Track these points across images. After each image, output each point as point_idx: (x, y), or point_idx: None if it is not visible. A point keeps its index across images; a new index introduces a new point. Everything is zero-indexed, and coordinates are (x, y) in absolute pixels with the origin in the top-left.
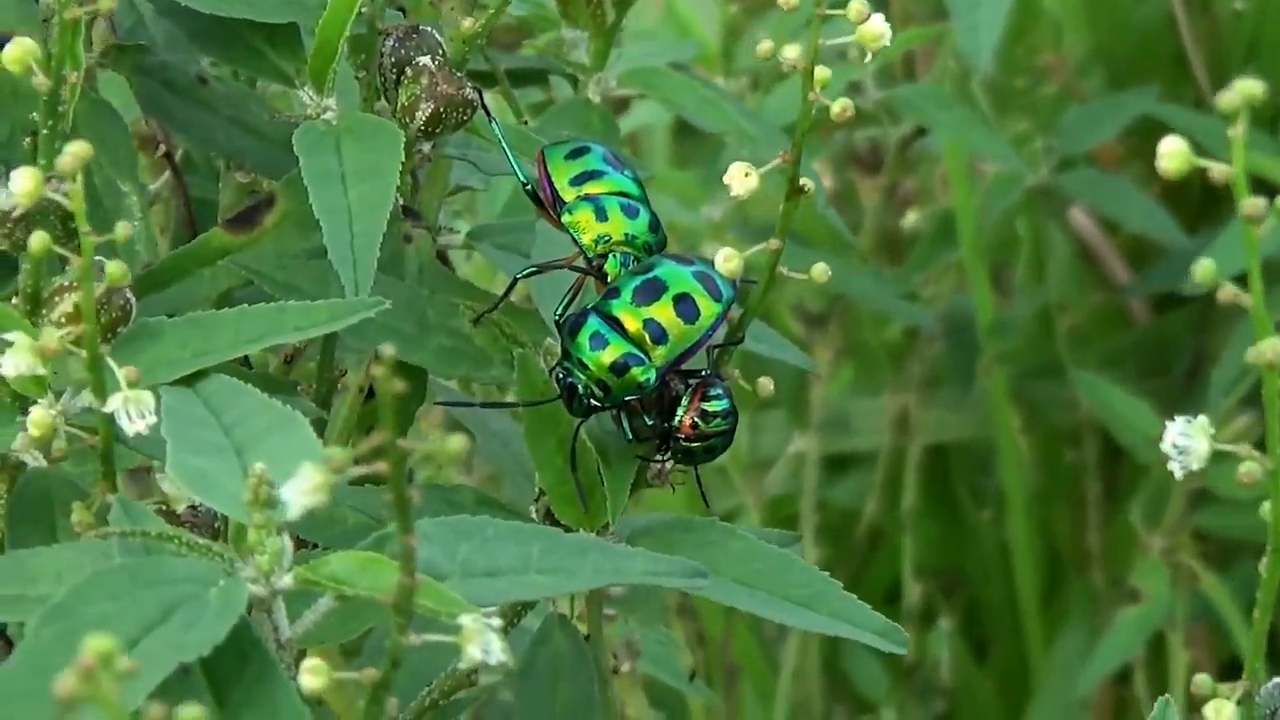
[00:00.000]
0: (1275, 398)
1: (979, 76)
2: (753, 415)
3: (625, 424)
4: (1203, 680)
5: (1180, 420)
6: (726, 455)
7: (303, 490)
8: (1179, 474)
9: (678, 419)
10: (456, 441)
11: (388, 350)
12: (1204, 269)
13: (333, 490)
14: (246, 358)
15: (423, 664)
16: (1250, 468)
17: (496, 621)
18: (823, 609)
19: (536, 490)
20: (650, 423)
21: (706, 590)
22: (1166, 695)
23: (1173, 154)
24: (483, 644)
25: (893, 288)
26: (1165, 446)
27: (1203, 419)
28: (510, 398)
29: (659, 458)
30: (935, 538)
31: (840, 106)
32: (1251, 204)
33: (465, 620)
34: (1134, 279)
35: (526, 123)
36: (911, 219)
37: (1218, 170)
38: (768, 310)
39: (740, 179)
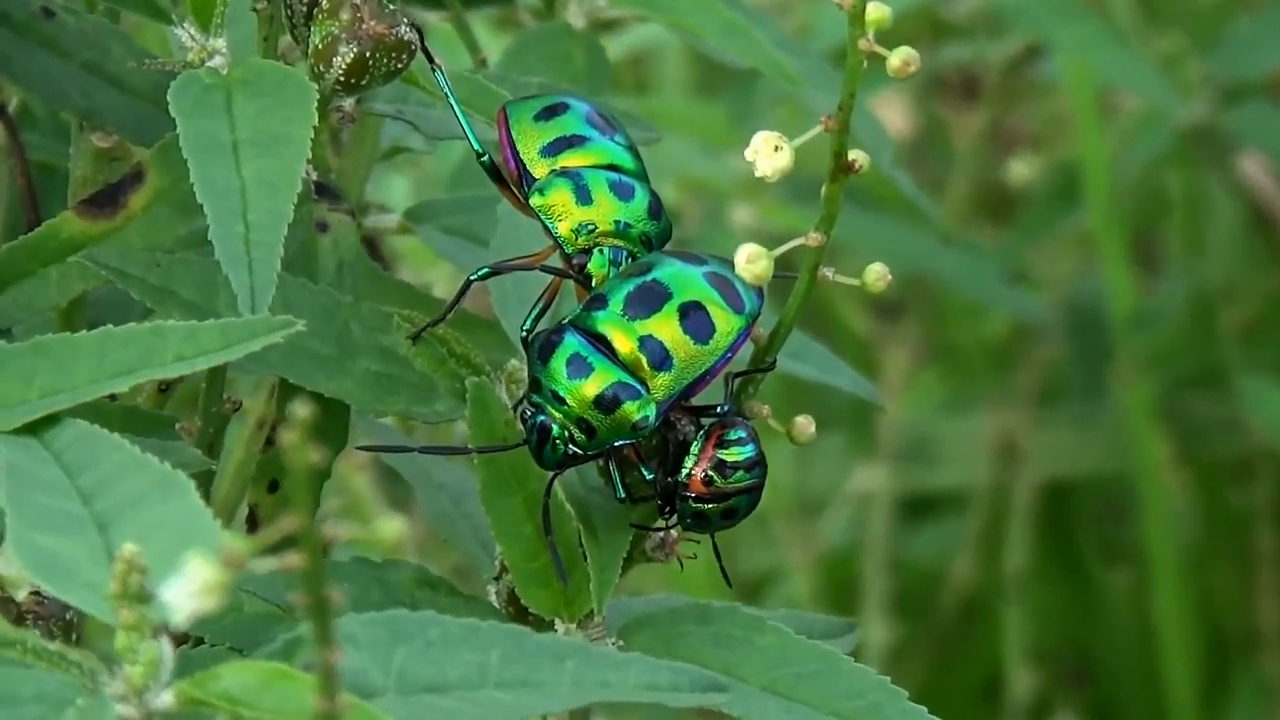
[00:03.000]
0: None
1: None
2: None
3: (616, 479)
4: None
5: None
6: (764, 494)
7: (191, 591)
8: None
9: (685, 472)
10: (391, 528)
11: (301, 411)
12: None
13: (229, 591)
14: None
15: None
16: None
17: None
18: None
19: (497, 566)
20: (650, 477)
21: (727, 706)
22: None
23: None
24: None
25: (994, 266)
26: None
27: None
28: (462, 441)
29: (661, 523)
30: (1052, 609)
31: (901, 59)
32: None
33: None
34: None
35: (484, 62)
36: (1020, 171)
37: None
38: (823, 302)
39: (768, 155)
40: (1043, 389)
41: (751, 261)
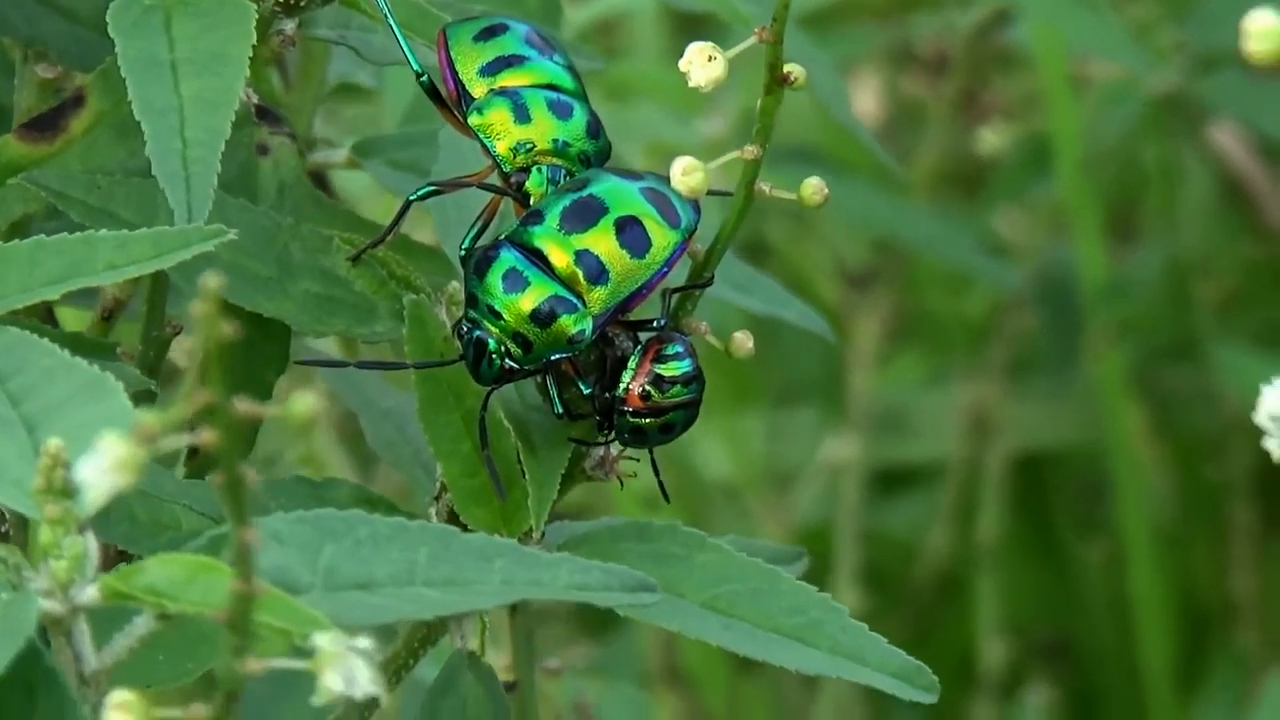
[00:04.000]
0: None
1: None
2: (773, 412)
3: (554, 394)
4: None
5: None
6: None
7: (104, 467)
8: (1278, 454)
9: (623, 386)
10: (304, 402)
11: (210, 281)
12: None
13: (143, 467)
14: (50, 312)
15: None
16: None
17: (364, 642)
18: (821, 643)
19: (437, 486)
20: (587, 392)
21: (666, 618)
22: None
23: (1264, 33)
24: (345, 671)
25: (966, 235)
26: (1261, 419)
27: None
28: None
29: (600, 439)
30: (1027, 583)
31: None
32: None
33: (321, 641)
34: None
35: None
36: (991, 140)
37: None
38: (793, 270)
39: (702, 65)
40: (1017, 360)
41: (687, 174)
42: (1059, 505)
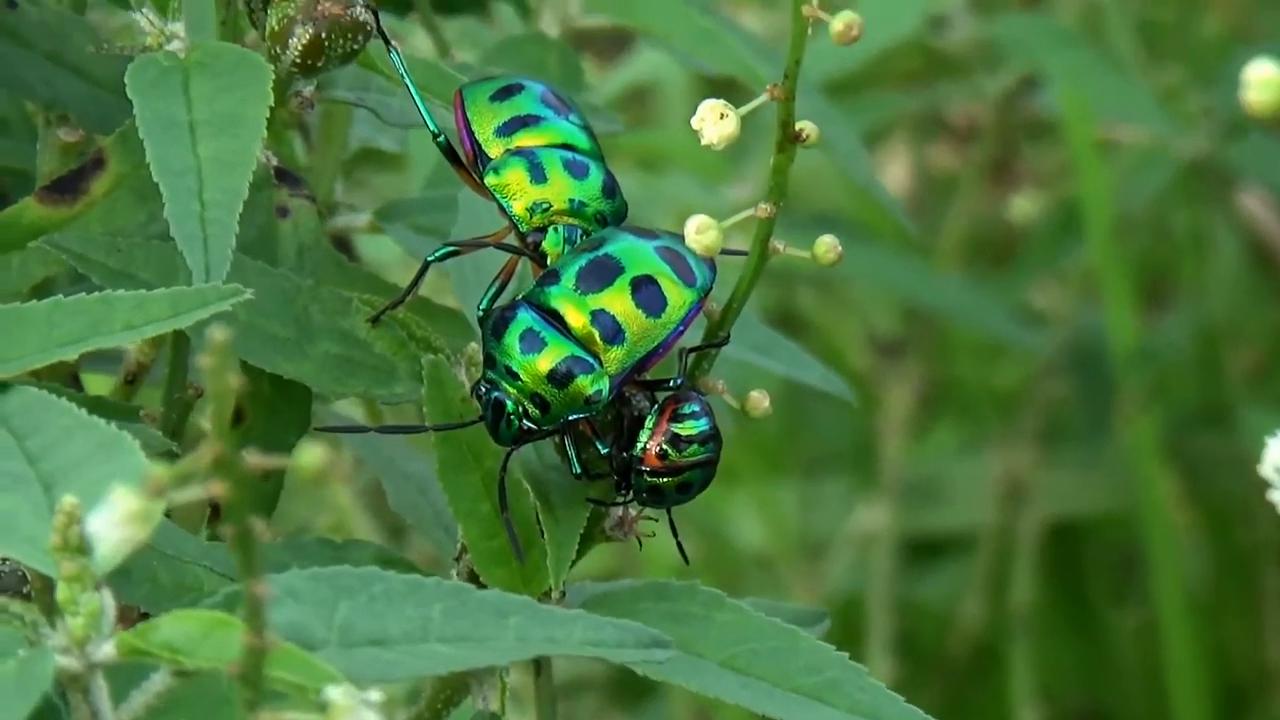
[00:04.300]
0: None
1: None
2: (804, 483)
3: (572, 455)
4: None
5: None
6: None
7: (115, 520)
8: None
9: (641, 446)
10: (312, 454)
11: (217, 335)
12: None
13: (154, 520)
14: (75, 377)
15: None
16: None
17: (375, 695)
18: (839, 702)
19: (458, 547)
20: (605, 452)
21: (684, 676)
22: None
23: (1264, 83)
24: None
25: (997, 302)
26: (1266, 470)
27: None
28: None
29: (619, 499)
30: (1061, 651)
31: (844, 23)
32: None
33: (333, 694)
34: None
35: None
36: (1023, 207)
37: None
38: (825, 340)
39: (714, 123)
40: (1049, 427)
41: (701, 232)
42: (1093, 573)
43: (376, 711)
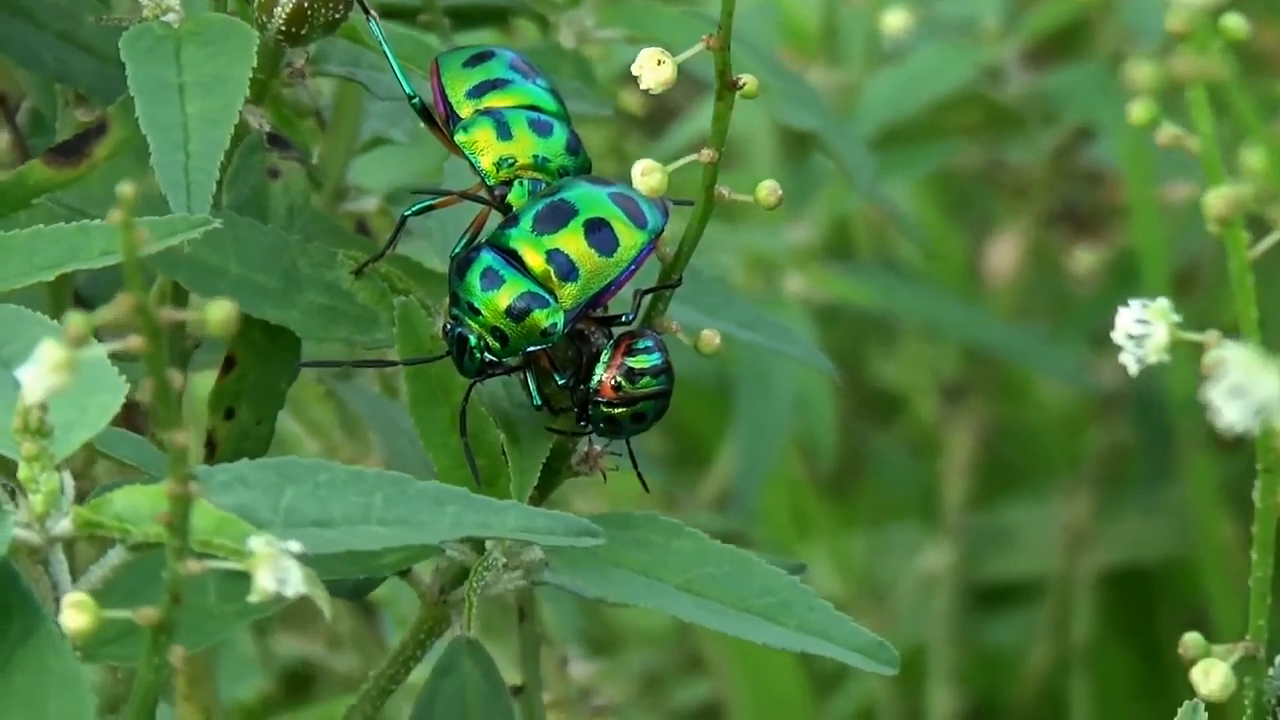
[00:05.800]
0: None
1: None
2: (872, 531)
3: (533, 387)
4: (1192, 639)
5: (1135, 304)
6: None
7: (41, 371)
8: (1134, 368)
9: (597, 379)
10: (222, 307)
11: (125, 189)
12: None
13: (76, 368)
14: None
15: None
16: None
17: (295, 545)
18: (789, 621)
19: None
20: (563, 384)
21: (643, 598)
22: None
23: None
24: (277, 571)
25: (1059, 348)
26: (1117, 337)
27: (1163, 301)
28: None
29: (579, 430)
30: (1126, 697)
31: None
32: None
33: (256, 544)
34: None
35: None
36: (1086, 260)
37: None
38: (883, 391)
39: (652, 69)
40: (1112, 474)
41: (646, 174)
42: (1158, 619)
43: (296, 560)
